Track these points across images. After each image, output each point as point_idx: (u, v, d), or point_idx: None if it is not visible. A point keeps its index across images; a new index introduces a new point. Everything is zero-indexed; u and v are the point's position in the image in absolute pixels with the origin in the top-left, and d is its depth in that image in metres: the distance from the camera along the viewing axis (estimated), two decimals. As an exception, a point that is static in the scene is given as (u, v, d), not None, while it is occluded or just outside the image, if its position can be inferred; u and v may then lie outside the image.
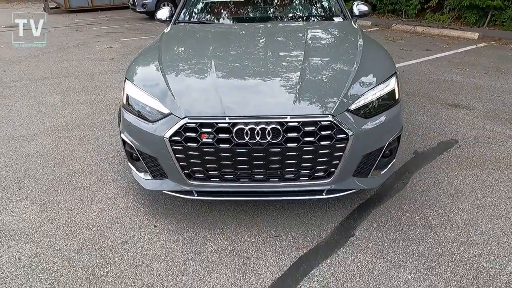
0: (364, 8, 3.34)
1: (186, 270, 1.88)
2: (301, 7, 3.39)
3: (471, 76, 5.01)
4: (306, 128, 1.86)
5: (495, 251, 1.93)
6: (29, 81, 5.33)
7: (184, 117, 1.90)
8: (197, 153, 1.92)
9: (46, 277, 1.84)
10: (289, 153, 1.89)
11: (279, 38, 2.77)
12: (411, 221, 2.19)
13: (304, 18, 3.29)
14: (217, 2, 3.47)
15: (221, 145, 1.88)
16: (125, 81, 2.29)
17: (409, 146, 3.09)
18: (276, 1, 3.41)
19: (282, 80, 2.12)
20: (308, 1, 3.45)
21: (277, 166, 1.94)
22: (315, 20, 3.23)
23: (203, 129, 1.88)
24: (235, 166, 1.94)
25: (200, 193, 2.09)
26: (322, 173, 1.99)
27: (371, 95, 2.04)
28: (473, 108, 3.88)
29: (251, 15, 3.28)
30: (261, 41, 2.74)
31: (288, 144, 1.87)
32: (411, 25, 8.95)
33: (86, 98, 4.54)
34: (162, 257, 1.97)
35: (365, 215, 2.26)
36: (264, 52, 2.51)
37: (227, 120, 1.87)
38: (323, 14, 3.32)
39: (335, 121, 1.87)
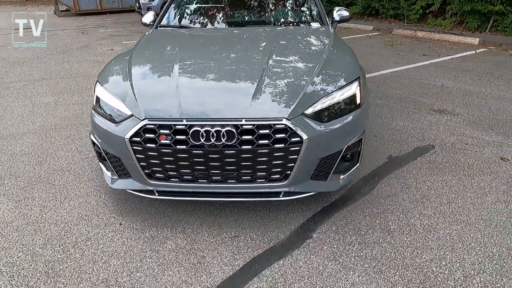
0: (345, 13, 3.37)
1: (141, 267, 1.94)
2: (278, 13, 3.43)
3: (463, 82, 4.98)
4: (260, 131, 1.91)
5: (448, 257, 1.94)
6: (28, 82, 5.50)
7: (144, 119, 1.97)
8: (156, 153, 1.98)
9: (7, 270, 1.92)
10: (244, 155, 1.94)
11: (248, 43, 2.82)
12: (370, 225, 2.21)
13: (280, 23, 3.33)
14: (198, 7, 3.55)
15: (178, 146, 1.94)
16: (96, 83, 2.37)
17: (384, 150, 3.10)
18: (254, 7, 3.47)
19: (242, 83, 2.17)
20: (285, 7, 3.50)
21: (233, 167, 1.98)
22: (291, 25, 3.27)
23: (162, 131, 1.95)
24: (192, 167, 2.00)
25: (161, 193, 2.15)
26: (278, 176, 2.03)
27: (329, 99, 2.08)
28: (457, 114, 3.86)
29: (229, 20, 3.34)
30: (229, 45, 2.78)
31: (243, 147, 1.91)
32: (412, 30, 8.91)
33: (79, 99, 4.66)
34: (121, 254, 2.03)
35: (327, 218, 2.28)
36: (230, 56, 2.56)
37: (184, 122, 1.92)
38: (299, 19, 3.36)
39: (289, 125, 1.91)
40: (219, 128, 1.89)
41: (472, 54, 6.73)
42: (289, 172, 2.01)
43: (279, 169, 2.00)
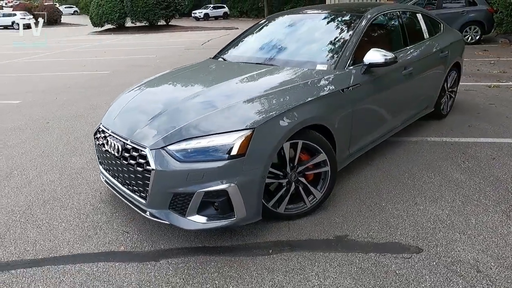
0: (379, 59, 2.76)
1: (58, 227, 2.75)
2: (294, 52, 3.23)
3: None
4: (133, 153, 2.31)
5: None
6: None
7: (101, 123, 2.78)
8: (98, 149, 2.75)
9: None
10: (123, 168, 2.39)
11: (221, 79, 2.99)
12: (204, 281, 2.09)
13: (292, 62, 3.09)
14: (241, 42, 3.86)
15: (102, 148, 2.62)
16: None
17: (347, 228, 2.49)
18: (282, 45, 3.43)
19: (154, 110, 2.52)
20: (304, 46, 3.23)
21: (122, 175, 2.46)
22: (297, 65, 3.04)
23: (101, 134, 2.69)
24: (108, 166, 2.63)
25: (105, 181, 2.87)
26: (143, 194, 2.33)
27: (195, 142, 2.17)
28: (553, 232, 2.34)
29: (250, 55, 3.48)
30: (207, 79, 3.10)
31: (122, 161, 2.37)
32: None
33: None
34: (71, 219, 2.92)
35: (193, 254, 2.30)
36: (186, 88, 2.91)
37: (109, 132, 2.59)
38: (308, 59, 3.06)
39: (147, 153, 2.21)
40: (115, 142, 2.43)
41: None
42: (146, 194, 2.28)
43: (141, 189, 2.31)
